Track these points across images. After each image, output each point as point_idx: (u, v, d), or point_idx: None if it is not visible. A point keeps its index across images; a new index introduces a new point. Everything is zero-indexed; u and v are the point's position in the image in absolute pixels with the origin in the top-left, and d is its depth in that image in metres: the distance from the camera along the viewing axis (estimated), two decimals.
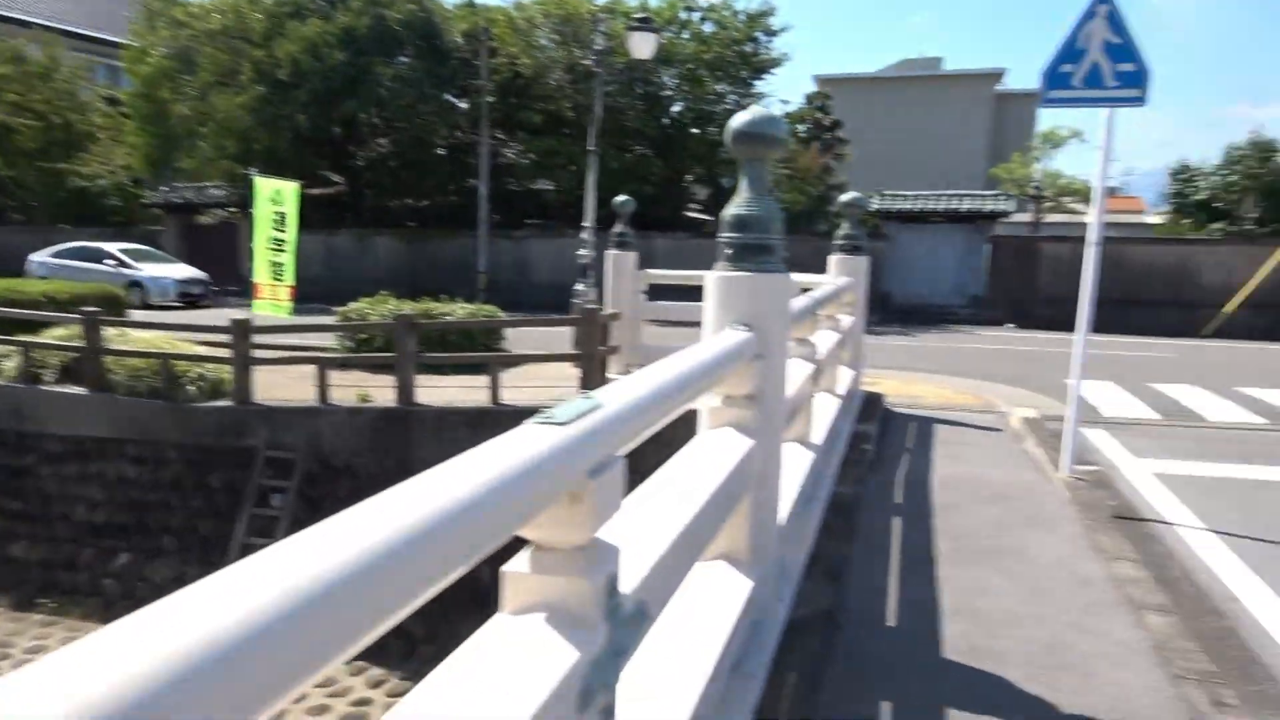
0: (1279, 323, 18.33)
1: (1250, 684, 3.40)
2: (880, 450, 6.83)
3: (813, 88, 32.01)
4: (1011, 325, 19.66)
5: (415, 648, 8.15)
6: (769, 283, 3.21)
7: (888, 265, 21.64)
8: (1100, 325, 19.05)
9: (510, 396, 9.03)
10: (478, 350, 10.65)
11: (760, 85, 23.68)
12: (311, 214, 16.80)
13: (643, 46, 11.53)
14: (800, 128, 31.93)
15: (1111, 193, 31.07)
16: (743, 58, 21.95)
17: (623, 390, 1.71)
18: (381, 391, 9.04)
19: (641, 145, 22.97)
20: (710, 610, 2.79)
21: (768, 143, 3.04)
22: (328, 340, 10.95)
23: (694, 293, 10.42)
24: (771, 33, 22.46)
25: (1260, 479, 6.49)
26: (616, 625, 1.48)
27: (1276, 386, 11.04)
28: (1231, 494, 6.04)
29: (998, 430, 7.93)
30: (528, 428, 1.31)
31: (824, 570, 4.20)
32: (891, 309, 20.99)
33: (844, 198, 8.54)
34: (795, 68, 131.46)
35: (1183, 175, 21.10)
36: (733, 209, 3.20)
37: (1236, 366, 13.54)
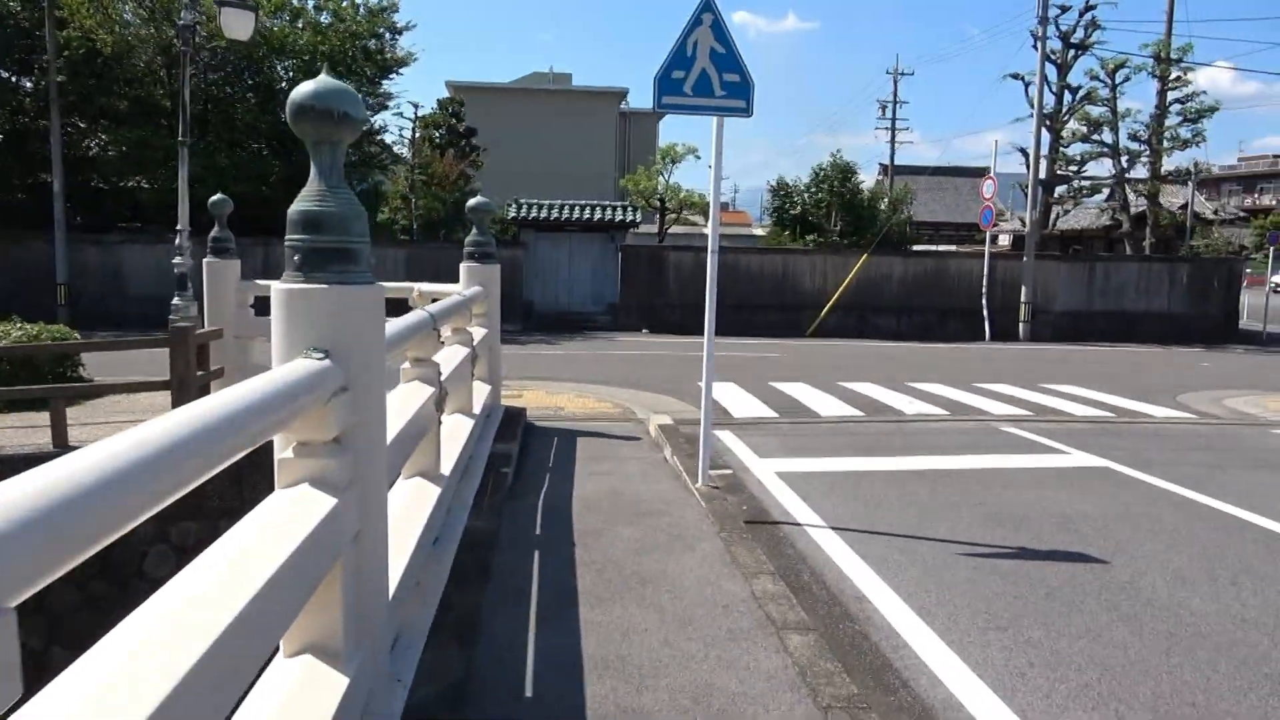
0: (863, 321, 21.04)
1: (887, 694, 3.34)
2: (521, 472, 6.35)
3: (447, 95, 31.38)
4: (646, 331, 20.53)
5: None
6: (353, 297, 2.52)
7: (527, 274, 21.61)
8: (722, 329, 20.57)
9: (87, 435, 7.29)
10: (43, 381, 8.57)
11: (390, 85, 22.55)
12: None
13: (237, 25, 10.10)
14: (436, 133, 31.19)
15: (725, 207, 34.28)
16: (367, 54, 20.65)
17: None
18: None
19: (257, 141, 20.77)
20: None
21: (339, 121, 2.44)
22: None
23: None
24: (396, 30, 21.41)
25: (865, 470, 6.97)
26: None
27: (867, 380, 12.39)
28: (845, 488, 6.37)
29: (637, 439, 7.85)
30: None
31: (454, 630, 3.57)
32: (535, 318, 20.98)
33: (472, 202, 7.98)
34: (428, 74, 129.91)
35: (781, 192, 23.57)
36: (300, 204, 2.48)
37: (835, 363, 15.11)
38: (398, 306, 7.58)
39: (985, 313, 20.82)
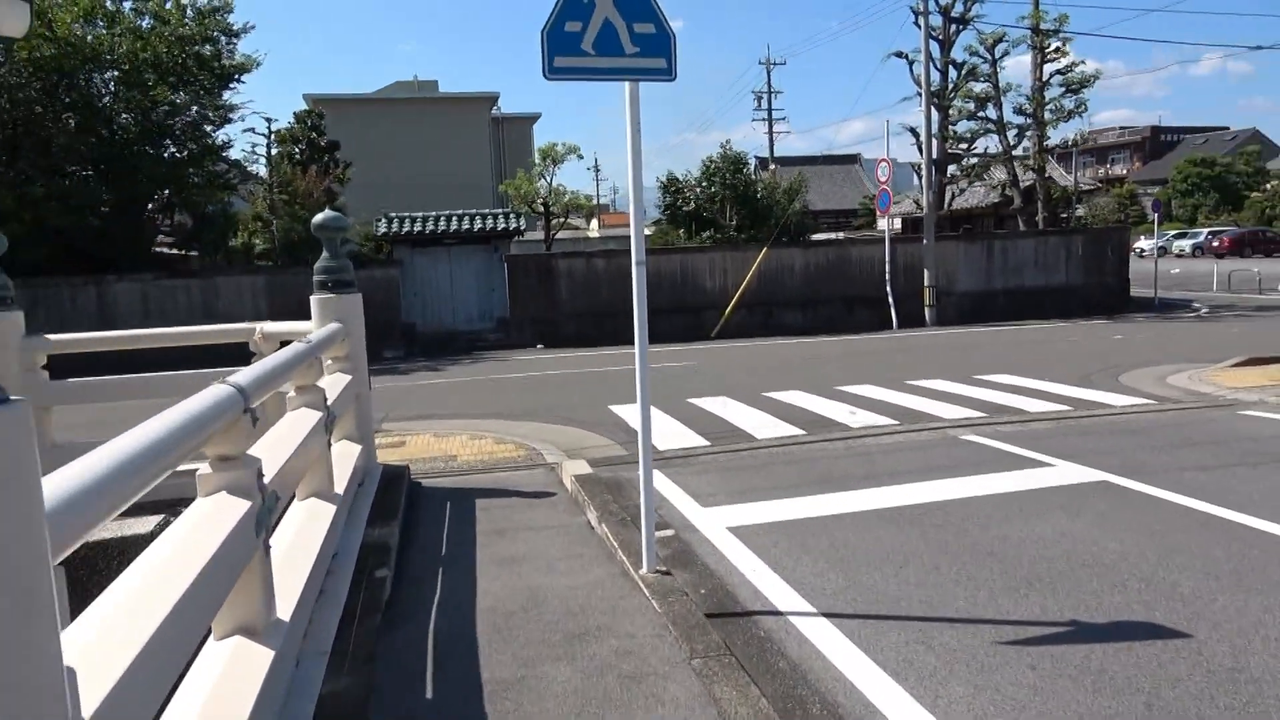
0: (768, 318, 20.07)
1: None
2: (403, 573, 4.81)
3: (305, 107, 29.01)
4: (541, 345, 19.01)
5: None
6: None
7: (406, 294, 19.76)
8: (619, 336, 19.27)
9: None
10: None
11: (234, 96, 20.25)
12: None
13: (7, 20, 8.10)
14: (295, 149, 28.76)
15: (606, 208, 33.03)
16: (201, 61, 18.33)
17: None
18: None
19: (81, 167, 18.23)
20: None
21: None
22: None
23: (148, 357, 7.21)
24: (233, 33, 19.15)
25: (831, 512, 5.71)
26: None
27: (793, 387, 11.24)
28: (816, 542, 5.09)
29: (550, 495, 6.40)
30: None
31: None
32: (418, 341, 19.15)
33: (318, 219, 6.37)
34: (285, 92, 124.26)
35: (672, 188, 22.35)
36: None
37: (751, 368, 13.96)
38: (239, 355, 5.93)
39: (890, 300, 20.17)
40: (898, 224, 30.31)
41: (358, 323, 6.57)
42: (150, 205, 18.98)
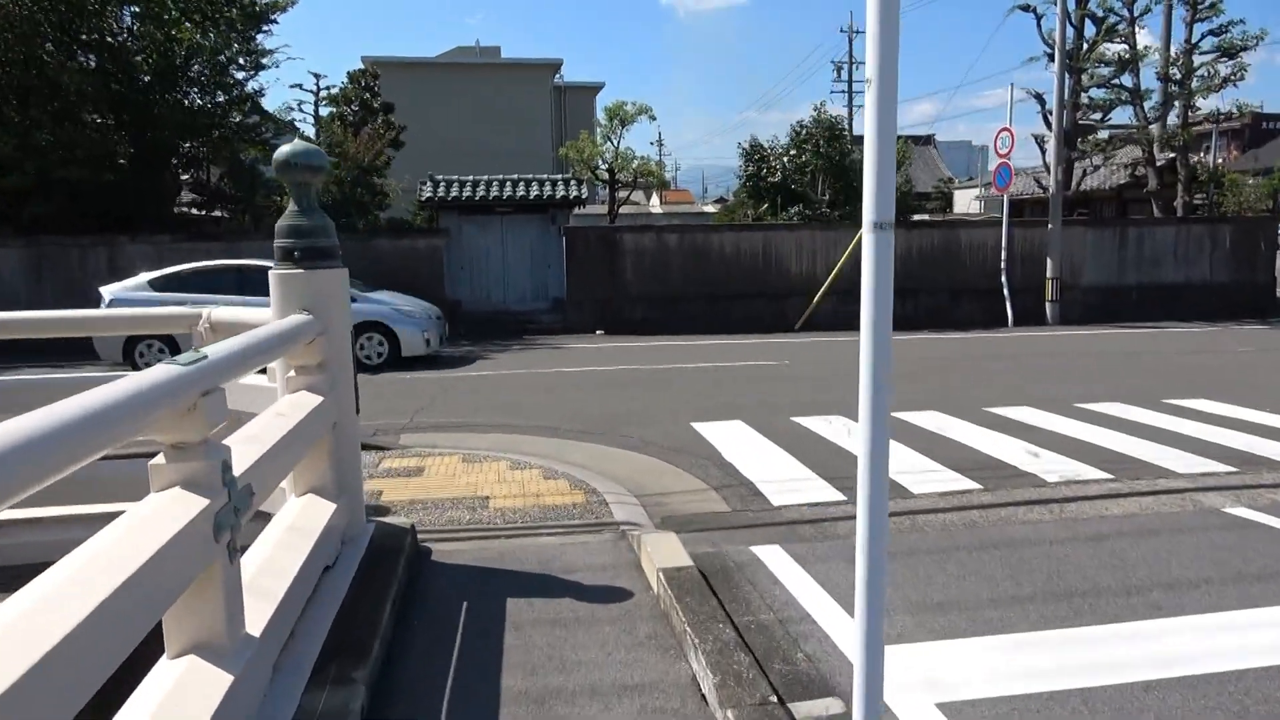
0: (860, 310, 17.45)
1: None
2: None
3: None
4: (601, 332, 16.70)
5: None
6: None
7: (451, 267, 17.60)
8: (692, 325, 16.80)
9: None
10: None
11: (266, 39, 18.16)
12: None
13: None
14: (348, 109, 26.81)
15: (666, 185, 30.49)
16: None
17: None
18: None
19: (97, 114, 16.36)
20: None
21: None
22: None
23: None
24: None
25: (1108, 682, 3.27)
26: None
27: (920, 405, 8.74)
28: None
29: (625, 598, 4.08)
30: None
31: None
32: (462, 321, 16.96)
33: (282, 151, 4.12)
34: (343, 52, 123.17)
35: (756, 156, 19.69)
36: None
37: (858, 374, 11.44)
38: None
39: (1006, 292, 17.41)
40: (977, 206, 27.29)
41: (339, 313, 4.31)
42: (174, 160, 17.02)
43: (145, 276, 12.29)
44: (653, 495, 5.88)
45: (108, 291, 12.01)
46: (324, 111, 29.23)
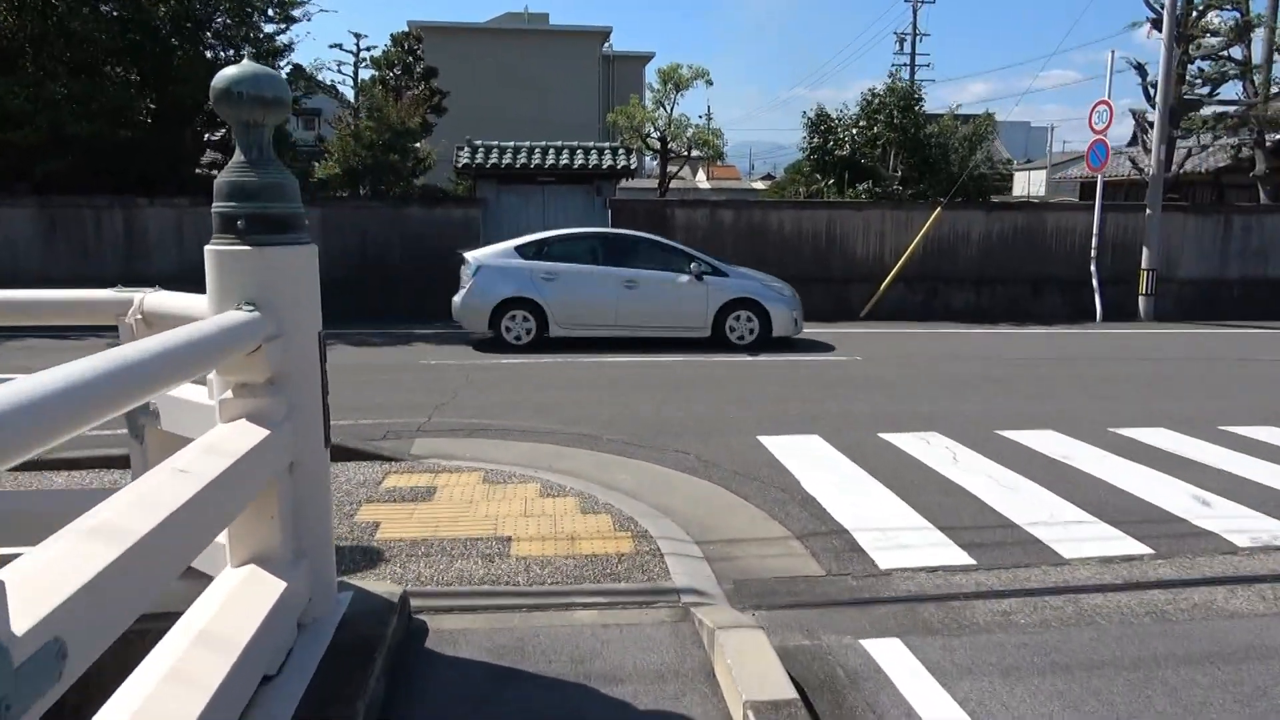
0: (932, 297, 15.96)
1: None
2: None
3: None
4: None
5: None
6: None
7: (487, 240, 16.33)
8: None
9: None
10: None
11: None
12: None
13: None
14: (390, 74, 25.70)
15: (721, 157, 29.06)
16: None
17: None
18: None
19: (117, 65, 15.33)
20: None
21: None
22: None
23: None
24: None
25: None
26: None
27: (1033, 423, 7.31)
28: None
29: None
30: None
31: None
32: None
33: (220, 78, 2.84)
34: (389, 15, 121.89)
35: (822, 126, 18.08)
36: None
37: (943, 374, 10.04)
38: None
39: (1095, 283, 15.75)
40: (1034, 189, 25.36)
41: (303, 308, 3.03)
42: (197, 118, 15.94)
43: (514, 242, 11.61)
44: (718, 543, 4.60)
45: (472, 257, 11.36)
46: (365, 75, 28.18)
